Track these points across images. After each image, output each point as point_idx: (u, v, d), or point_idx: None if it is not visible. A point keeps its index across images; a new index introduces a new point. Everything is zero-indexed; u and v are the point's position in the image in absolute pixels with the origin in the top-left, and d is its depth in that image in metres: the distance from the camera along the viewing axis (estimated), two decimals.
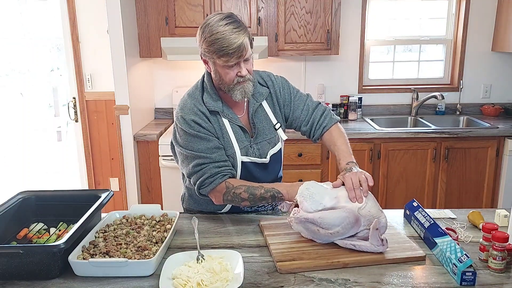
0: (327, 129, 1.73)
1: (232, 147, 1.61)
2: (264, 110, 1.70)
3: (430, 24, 3.80)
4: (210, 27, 1.47)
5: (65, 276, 1.30)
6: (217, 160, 1.56)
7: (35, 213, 1.60)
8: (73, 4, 3.55)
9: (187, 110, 1.59)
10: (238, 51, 1.46)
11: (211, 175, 1.55)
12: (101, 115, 3.77)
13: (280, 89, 1.73)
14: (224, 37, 1.44)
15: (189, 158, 1.58)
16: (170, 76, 3.73)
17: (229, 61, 1.48)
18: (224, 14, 1.50)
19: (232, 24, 1.47)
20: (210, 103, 1.59)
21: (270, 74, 1.76)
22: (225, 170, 1.57)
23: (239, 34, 1.46)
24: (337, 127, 1.74)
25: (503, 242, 1.26)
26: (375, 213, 1.39)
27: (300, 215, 1.42)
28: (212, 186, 1.56)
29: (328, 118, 1.74)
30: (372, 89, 3.81)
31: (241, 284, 1.21)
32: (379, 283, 1.24)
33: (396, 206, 3.21)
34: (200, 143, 1.56)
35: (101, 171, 3.88)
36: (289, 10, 3.30)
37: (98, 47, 3.60)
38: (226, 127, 1.61)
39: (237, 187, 1.55)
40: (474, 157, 3.26)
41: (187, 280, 1.21)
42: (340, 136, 1.70)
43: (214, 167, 1.56)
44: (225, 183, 1.56)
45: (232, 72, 1.52)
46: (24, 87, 3.63)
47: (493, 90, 3.82)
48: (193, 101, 1.61)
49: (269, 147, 1.69)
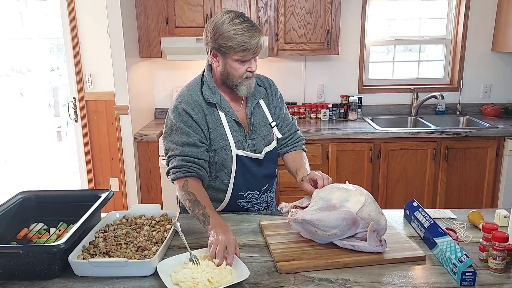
0: (298, 149, 1.84)
1: (226, 140, 1.65)
2: (262, 108, 1.76)
3: (430, 24, 3.80)
4: (227, 24, 1.54)
5: (65, 276, 1.30)
6: (187, 155, 1.59)
7: (35, 213, 1.60)
8: (73, 4, 3.55)
9: (181, 99, 1.64)
10: (255, 48, 1.55)
11: (176, 166, 1.59)
12: (101, 115, 3.77)
13: (274, 94, 1.82)
14: (244, 34, 1.52)
15: (167, 150, 1.64)
16: (170, 76, 3.73)
17: (246, 56, 1.55)
18: (236, 13, 1.58)
19: (247, 22, 1.55)
20: (208, 95, 1.65)
21: (268, 78, 1.86)
22: (191, 167, 1.58)
23: (255, 32, 1.54)
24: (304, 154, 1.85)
25: (503, 242, 1.26)
26: (375, 216, 1.39)
27: (298, 217, 1.42)
28: (173, 177, 1.60)
29: (302, 142, 1.87)
30: (372, 89, 3.81)
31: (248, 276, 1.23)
32: (379, 283, 1.24)
33: (396, 206, 3.21)
34: (180, 136, 1.61)
35: (101, 171, 3.88)
36: (289, 10, 3.30)
37: (98, 47, 3.60)
38: (222, 120, 1.66)
39: (189, 192, 1.54)
40: (474, 157, 3.26)
41: (195, 282, 1.20)
42: (306, 158, 1.80)
43: (182, 160, 1.58)
44: (185, 180, 1.57)
45: (243, 68, 1.59)
46: (24, 87, 3.64)
47: (493, 90, 3.82)
48: (190, 92, 1.66)
49: (264, 144, 1.73)
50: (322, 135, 3.20)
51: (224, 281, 1.22)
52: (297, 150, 1.83)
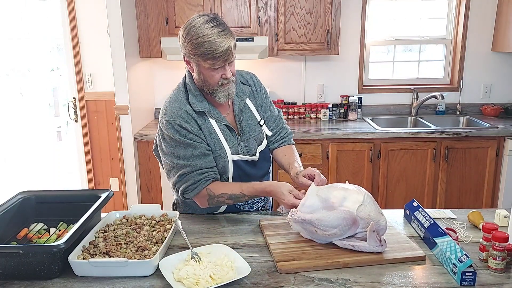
0: (287, 144, 1.82)
1: (222, 147, 1.62)
2: (249, 107, 1.73)
3: (430, 24, 3.80)
4: (195, 29, 1.46)
5: (65, 276, 1.30)
6: (201, 168, 1.57)
7: (35, 213, 1.60)
8: (73, 4, 3.55)
9: (171, 113, 1.57)
10: (224, 55, 1.47)
11: (194, 182, 1.56)
12: (101, 115, 3.77)
13: (259, 89, 1.77)
14: (211, 41, 1.44)
15: (175, 168, 1.59)
16: (170, 76, 3.73)
17: (215, 64, 1.48)
18: (208, 16, 1.49)
19: (218, 27, 1.46)
20: (196, 104, 1.59)
21: (250, 73, 1.79)
22: (208, 176, 1.58)
23: (225, 38, 1.46)
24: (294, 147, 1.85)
25: (503, 242, 1.26)
26: (374, 217, 1.39)
27: (298, 216, 1.42)
28: (195, 192, 1.58)
29: (290, 136, 1.85)
30: (372, 89, 3.81)
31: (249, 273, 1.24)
32: (379, 283, 1.24)
33: (396, 206, 3.21)
34: (186, 150, 1.56)
35: (101, 171, 3.88)
36: (289, 10, 3.30)
37: (98, 47, 3.60)
38: (214, 127, 1.62)
39: (219, 195, 1.57)
40: (474, 157, 3.26)
41: (197, 278, 1.22)
42: (296, 153, 1.79)
43: (198, 174, 1.56)
44: (206, 189, 1.58)
45: (217, 75, 1.52)
46: (24, 87, 3.63)
47: (493, 90, 3.82)
48: (177, 103, 1.59)
49: (256, 144, 1.71)
50: (322, 135, 3.20)
51: (226, 278, 1.23)
52: (287, 145, 1.81)
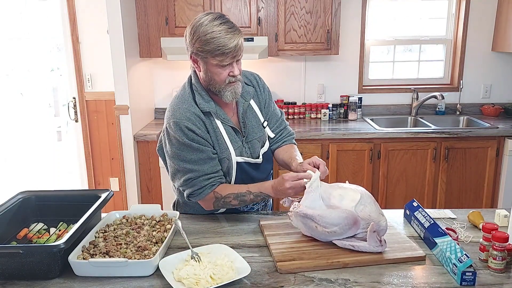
0: (289, 143, 1.82)
1: (227, 149, 1.61)
2: (253, 108, 1.72)
3: (430, 24, 3.80)
4: (204, 27, 1.47)
5: (65, 276, 1.30)
6: (207, 172, 1.56)
7: (35, 213, 1.60)
8: (73, 4, 3.55)
9: (179, 115, 1.55)
10: (234, 51, 1.48)
11: (200, 187, 1.56)
12: (101, 115, 3.77)
13: (262, 90, 1.77)
14: (220, 37, 1.45)
15: (180, 172, 1.58)
16: (170, 76, 3.73)
17: (224, 60, 1.48)
18: (216, 14, 1.51)
19: (226, 24, 1.48)
20: (203, 104, 1.57)
21: (254, 74, 1.79)
22: (215, 180, 1.58)
23: (234, 35, 1.47)
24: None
25: (503, 242, 1.26)
26: (375, 217, 1.39)
27: (300, 210, 1.42)
28: (201, 197, 1.58)
29: (292, 137, 1.85)
30: (372, 89, 3.81)
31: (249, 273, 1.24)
32: (379, 283, 1.24)
33: (396, 206, 3.21)
34: (192, 153, 1.55)
35: (101, 171, 3.88)
36: (289, 10, 3.30)
37: (98, 47, 3.60)
38: (220, 128, 1.60)
39: (226, 196, 1.57)
40: (474, 157, 3.26)
41: (197, 278, 1.22)
42: (298, 151, 1.77)
43: (204, 179, 1.56)
44: (213, 193, 1.58)
45: (225, 72, 1.52)
46: (24, 87, 3.63)
47: (493, 90, 3.82)
48: (184, 104, 1.57)
49: (259, 146, 1.71)
50: (322, 135, 3.20)
51: (226, 277, 1.23)
52: (288, 144, 1.80)
